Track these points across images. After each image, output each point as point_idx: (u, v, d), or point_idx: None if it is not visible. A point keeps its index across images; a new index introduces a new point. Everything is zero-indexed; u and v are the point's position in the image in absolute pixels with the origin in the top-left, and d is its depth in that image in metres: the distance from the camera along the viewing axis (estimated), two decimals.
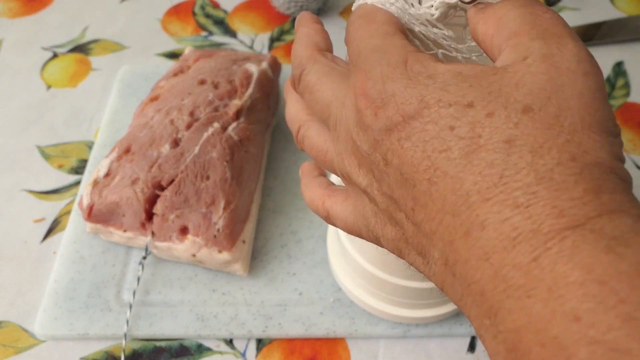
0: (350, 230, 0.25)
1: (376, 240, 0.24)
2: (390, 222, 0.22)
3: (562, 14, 0.68)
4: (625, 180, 0.17)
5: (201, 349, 0.42)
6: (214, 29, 0.67)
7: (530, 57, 0.18)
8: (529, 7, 0.20)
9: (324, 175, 0.29)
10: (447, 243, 0.18)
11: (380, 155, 0.20)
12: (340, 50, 0.25)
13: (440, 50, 0.23)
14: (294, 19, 0.68)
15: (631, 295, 0.14)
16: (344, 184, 0.26)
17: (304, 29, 0.26)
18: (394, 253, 0.23)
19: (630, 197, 0.17)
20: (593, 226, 0.15)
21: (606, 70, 0.61)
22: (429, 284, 0.36)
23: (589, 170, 0.16)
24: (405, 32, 0.22)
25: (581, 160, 0.17)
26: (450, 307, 0.40)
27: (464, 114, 0.18)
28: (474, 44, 0.22)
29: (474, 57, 0.23)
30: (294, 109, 0.27)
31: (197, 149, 0.44)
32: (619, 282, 0.14)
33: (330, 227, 0.44)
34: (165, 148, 0.44)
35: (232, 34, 0.66)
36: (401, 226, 0.21)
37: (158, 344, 0.42)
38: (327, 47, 0.26)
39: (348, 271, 0.41)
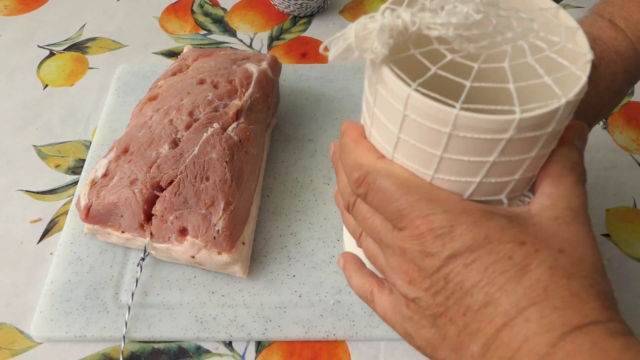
0: (386, 319, 0.32)
1: (406, 336, 0.30)
2: (430, 325, 0.28)
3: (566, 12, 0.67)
4: (615, 301, 0.26)
5: (200, 351, 0.41)
6: (212, 27, 0.66)
7: (560, 219, 0.27)
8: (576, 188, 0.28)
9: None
10: (492, 336, 0.25)
11: (442, 275, 0.26)
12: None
13: (446, 47, 0.25)
14: (294, 18, 0.67)
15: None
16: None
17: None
18: (423, 350, 0.29)
19: (618, 314, 0.25)
20: (607, 324, 0.24)
21: None
22: None
23: (602, 295, 0.25)
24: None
25: (596, 288, 0.25)
26: None
27: (519, 249, 0.25)
28: (483, 43, 0.25)
29: (479, 52, 0.25)
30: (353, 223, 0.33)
31: (196, 149, 0.43)
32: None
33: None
34: (165, 148, 0.43)
35: (231, 32, 0.65)
36: (442, 328, 0.27)
37: (156, 346, 0.42)
38: None
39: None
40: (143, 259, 0.43)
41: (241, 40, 0.64)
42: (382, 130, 0.28)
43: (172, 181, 0.42)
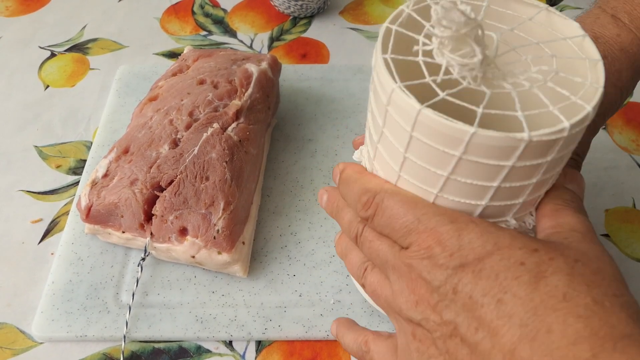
0: None
1: None
2: (440, 352, 0.26)
3: (565, 13, 0.67)
4: None
5: (200, 351, 0.42)
6: (213, 28, 0.66)
7: (570, 238, 0.26)
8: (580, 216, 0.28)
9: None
10: (508, 352, 0.23)
11: (450, 286, 0.25)
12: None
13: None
14: (294, 19, 0.67)
15: None
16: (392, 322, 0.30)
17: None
18: None
19: None
20: (637, 337, 0.22)
21: None
22: None
23: (626, 305, 0.23)
24: None
25: (620, 298, 0.23)
26: None
27: (531, 255, 0.24)
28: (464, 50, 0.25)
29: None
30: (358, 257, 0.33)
31: (196, 149, 0.43)
32: None
33: None
34: (165, 148, 0.44)
35: (231, 33, 0.66)
36: (453, 353, 0.25)
37: (157, 345, 0.42)
38: None
39: None
40: (143, 259, 0.43)
41: (241, 41, 0.65)
42: (389, 148, 0.28)
43: (172, 181, 0.42)
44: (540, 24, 0.29)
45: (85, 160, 0.53)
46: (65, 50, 0.63)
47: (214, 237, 0.41)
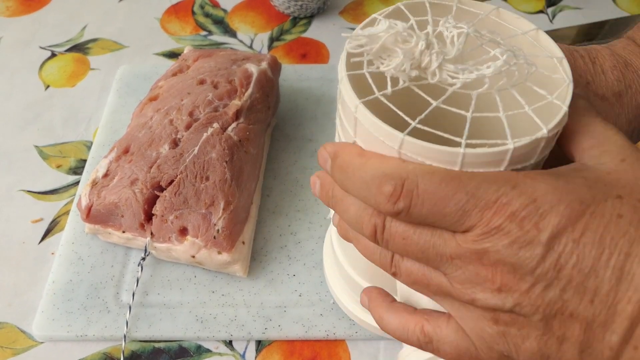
0: (462, 354, 0.25)
1: (503, 357, 0.24)
2: (541, 333, 0.22)
3: (564, 13, 0.68)
4: None
5: (200, 351, 0.42)
6: (213, 28, 0.66)
7: (627, 159, 0.23)
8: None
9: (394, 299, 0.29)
10: (637, 317, 0.21)
11: (550, 263, 0.21)
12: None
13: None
14: (294, 19, 0.67)
15: None
16: (443, 308, 0.26)
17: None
18: None
19: None
20: None
21: None
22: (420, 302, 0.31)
23: None
24: None
25: None
26: None
27: (621, 204, 0.21)
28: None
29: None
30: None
31: (196, 149, 0.43)
32: None
33: (327, 239, 0.43)
34: (165, 148, 0.44)
35: (231, 33, 0.66)
36: (558, 330, 0.22)
37: (157, 345, 0.42)
38: None
39: (341, 284, 0.40)
40: (144, 259, 0.43)
41: (241, 41, 0.65)
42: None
43: (172, 181, 0.42)
44: (496, 22, 0.29)
45: (85, 160, 0.53)
46: (66, 51, 0.63)
47: (214, 237, 0.41)
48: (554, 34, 0.52)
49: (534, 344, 0.23)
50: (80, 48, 0.64)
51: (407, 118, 0.24)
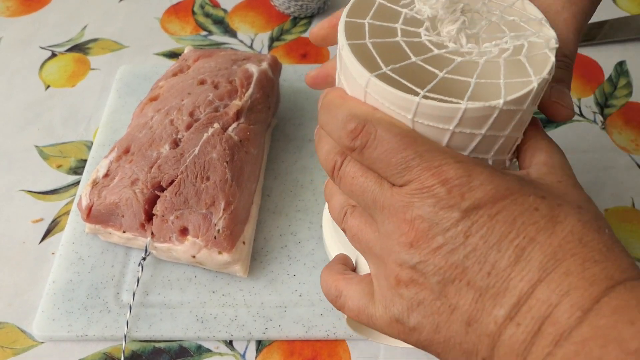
0: (359, 311, 0.28)
1: (394, 325, 0.26)
2: (435, 297, 0.24)
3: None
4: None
5: (201, 351, 0.42)
6: (213, 28, 0.66)
7: (563, 182, 0.26)
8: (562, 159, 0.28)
9: (345, 264, 0.32)
10: (525, 295, 0.22)
11: (461, 229, 0.24)
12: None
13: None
14: (294, 19, 0.67)
15: None
16: (369, 266, 0.28)
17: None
18: (416, 338, 0.25)
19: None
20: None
21: (608, 69, 0.60)
22: None
23: (627, 252, 0.24)
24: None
25: (620, 245, 0.24)
26: None
27: (542, 201, 0.24)
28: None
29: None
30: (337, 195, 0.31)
31: (197, 149, 0.43)
32: None
33: (325, 218, 0.42)
34: (165, 148, 0.44)
35: (231, 33, 0.66)
36: (452, 297, 0.24)
37: (157, 345, 0.42)
38: None
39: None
40: (144, 259, 0.43)
41: (242, 41, 0.65)
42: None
43: (172, 181, 0.42)
44: None
45: (85, 160, 0.53)
46: (66, 51, 0.63)
47: (215, 237, 0.41)
48: None
49: (427, 309, 0.25)
50: (80, 48, 0.64)
51: (410, 85, 0.25)
